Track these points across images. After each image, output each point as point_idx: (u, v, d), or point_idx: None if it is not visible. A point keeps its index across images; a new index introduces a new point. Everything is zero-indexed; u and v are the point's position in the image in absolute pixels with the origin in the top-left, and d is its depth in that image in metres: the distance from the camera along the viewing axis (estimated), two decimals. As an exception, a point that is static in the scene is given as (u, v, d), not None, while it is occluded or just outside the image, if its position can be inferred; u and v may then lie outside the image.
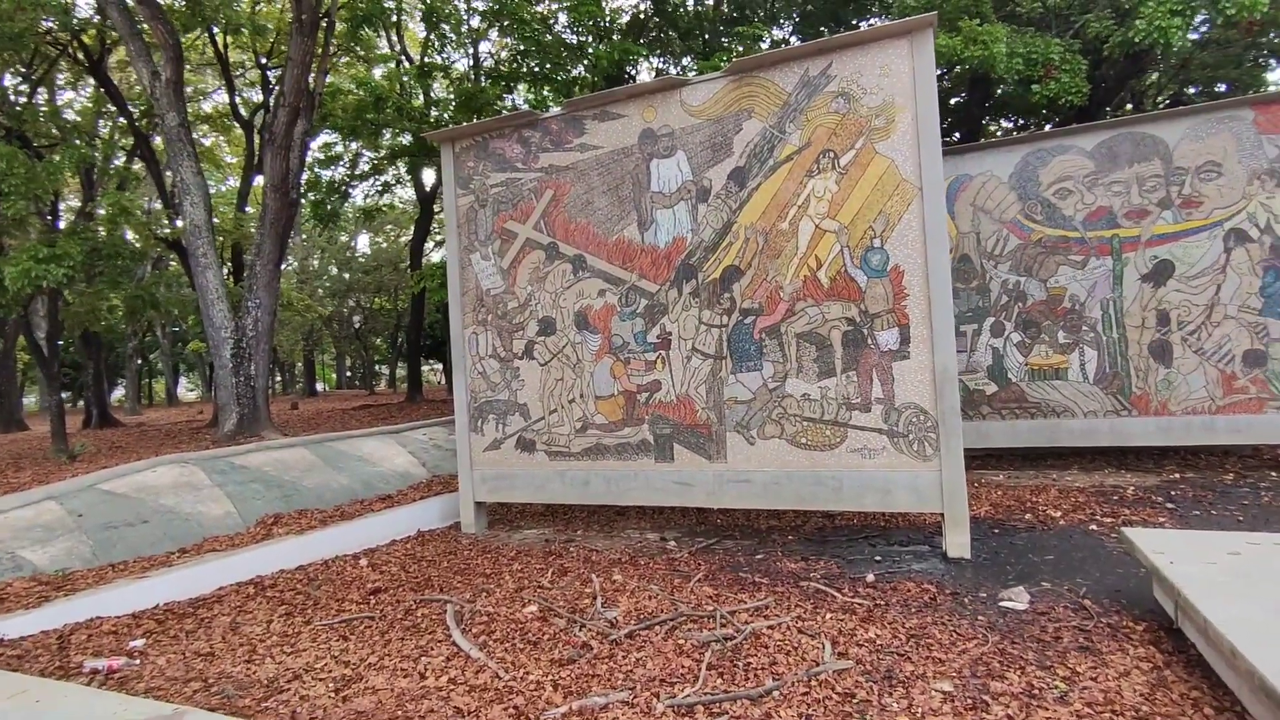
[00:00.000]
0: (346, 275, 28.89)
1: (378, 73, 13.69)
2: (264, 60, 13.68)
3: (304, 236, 28.72)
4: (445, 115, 10.93)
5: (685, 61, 10.57)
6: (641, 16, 10.90)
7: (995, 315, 7.09)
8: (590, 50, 10.64)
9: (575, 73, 10.53)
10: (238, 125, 14.84)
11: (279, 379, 37.61)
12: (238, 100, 14.46)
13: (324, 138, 14.35)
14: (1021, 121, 11.87)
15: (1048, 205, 6.89)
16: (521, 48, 9.93)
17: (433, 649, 3.42)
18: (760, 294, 4.95)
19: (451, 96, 11.42)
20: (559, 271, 5.67)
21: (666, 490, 5.24)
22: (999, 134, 13.00)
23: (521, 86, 10.85)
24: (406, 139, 11.63)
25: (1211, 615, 2.42)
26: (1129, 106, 11.18)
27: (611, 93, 5.46)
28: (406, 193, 26.25)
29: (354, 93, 11.73)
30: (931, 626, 3.29)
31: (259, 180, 11.75)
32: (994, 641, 3.07)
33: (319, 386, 38.04)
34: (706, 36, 9.88)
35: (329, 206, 12.92)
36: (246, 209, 14.58)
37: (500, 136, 5.90)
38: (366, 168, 14.47)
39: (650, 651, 3.20)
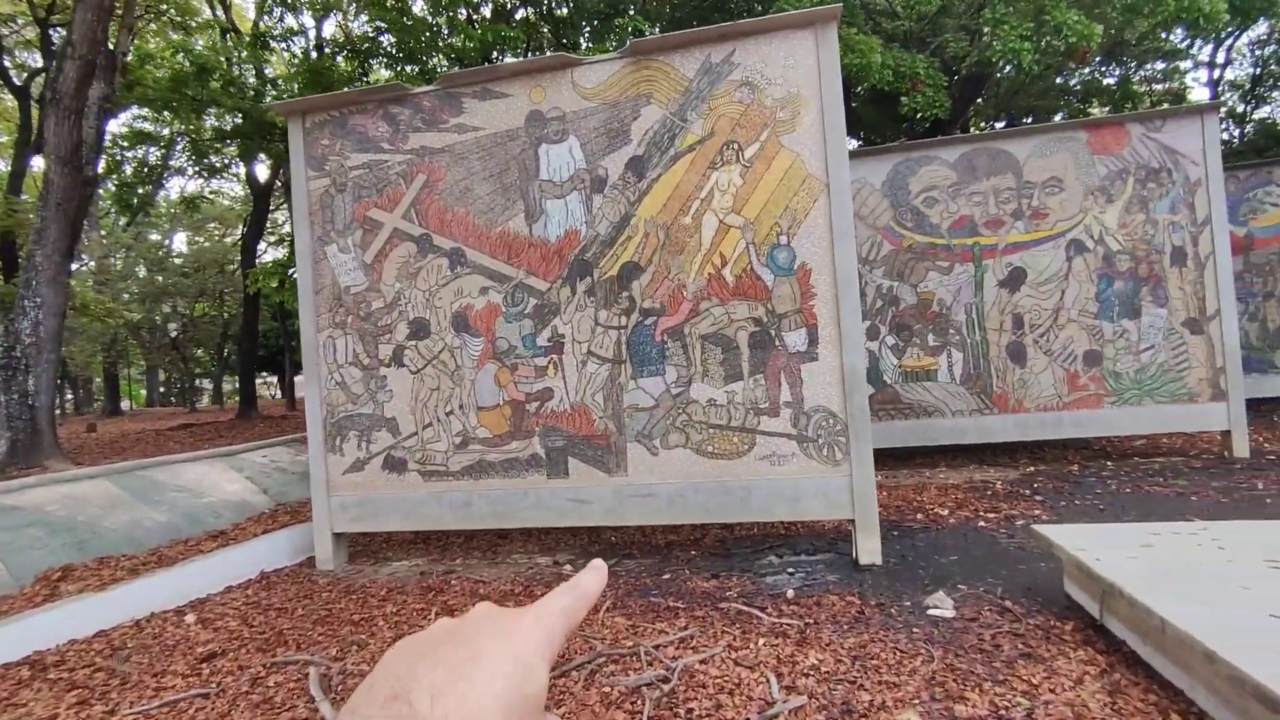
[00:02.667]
0: (160, 278, 25.43)
1: (202, 45, 11.98)
2: (44, 15, 11.45)
3: (103, 232, 24.97)
4: (288, 94, 9.67)
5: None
6: (508, 6, 10.32)
7: (871, 319, 7.27)
8: (450, 38, 9.93)
9: (436, 63, 9.75)
10: (8, 94, 12.35)
11: (70, 397, 32.46)
12: (7, 63, 12.02)
13: (133, 112, 12.32)
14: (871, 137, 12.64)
15: (917, 213, 7.17)
16: (380, 24, 9.00)
17: (294, 730, 2.72)
18: (662, 293, 4.62)
19: (293, 73, 10.14)
20: (433, 267, 5.01)
21: (561, 509, 4.75)
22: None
23: (379, 65, 9.86)
24: (238, 120, 10.16)
25: (1169, 615, 2.34)
26: (972, 128, 12.23)
27: (495, 68, 4.91)
28: (233, 188, 23.62)
29: (173, 60, 10.06)
30: (871, 645, 3.08)
31: (39, 162, 9.80)
32: (939, 657, 2.90)
33: (124, 405, 33.24)
34: (587, 30, 9.53)
35: (138, 194, 11.03)
36: (23, 195, 12.18)
37: (362, 112, 5.15)
38: (183, 153, 12.58)
39: (573, 705, 2.72)
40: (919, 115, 7.56)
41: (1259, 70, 16.76)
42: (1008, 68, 7.55)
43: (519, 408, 4.86)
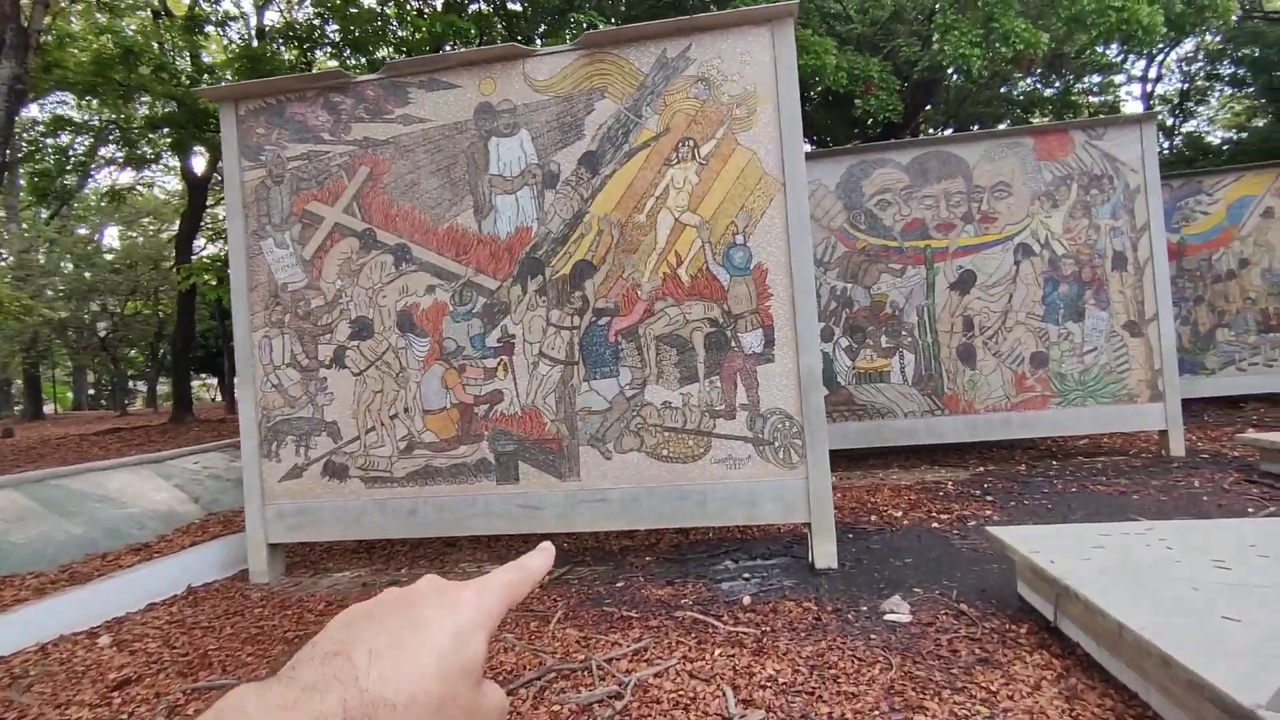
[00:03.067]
0: (88, 274, 24.10)
1: (134, 28, 11.33)
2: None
3: (24, 225, 23.57)
4: (225, 80, 9.19)
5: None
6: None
7: (825, 321, 7.28)
8: (399, 30, 9.61)
9: (386, 55, 9.42)
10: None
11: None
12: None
13: (56, 97, 11.58)
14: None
15: (870, 215, 7.22)
16: (323, 9, 8.63)
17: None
18: (616, 292, 4.49)
19: (230, 59, 9.64)
20: (377, 263, 4.78)
21: (511, 516, 4.58)
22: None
23: (324, 56, 9.47)
24: (171, 108, 9.61)
25: (1125, 619, 2.33)
26: (922, 134, 12.47)
27: (443, 57, 4.71)
28: (169, 182, 22.61)
29: (99, 42, 9.43)
30: (829, 653, 3.01)
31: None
32: (897, 664, 2.85)
33: (49, 408, 31.47)
34: (543, 26, 9.34)
35: (57, 184, 10.34)
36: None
37: (301, 100, 4.89)
38: (114, 143, 11.88)
39: (520, 727, 2.57)
40: (872, 119, 7.63)
41: (1187, 85, 17.58)
42: (956, 76, 7.68)
43: (467, 411, 4.67)
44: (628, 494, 4.43)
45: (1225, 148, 16.76)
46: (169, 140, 10.32)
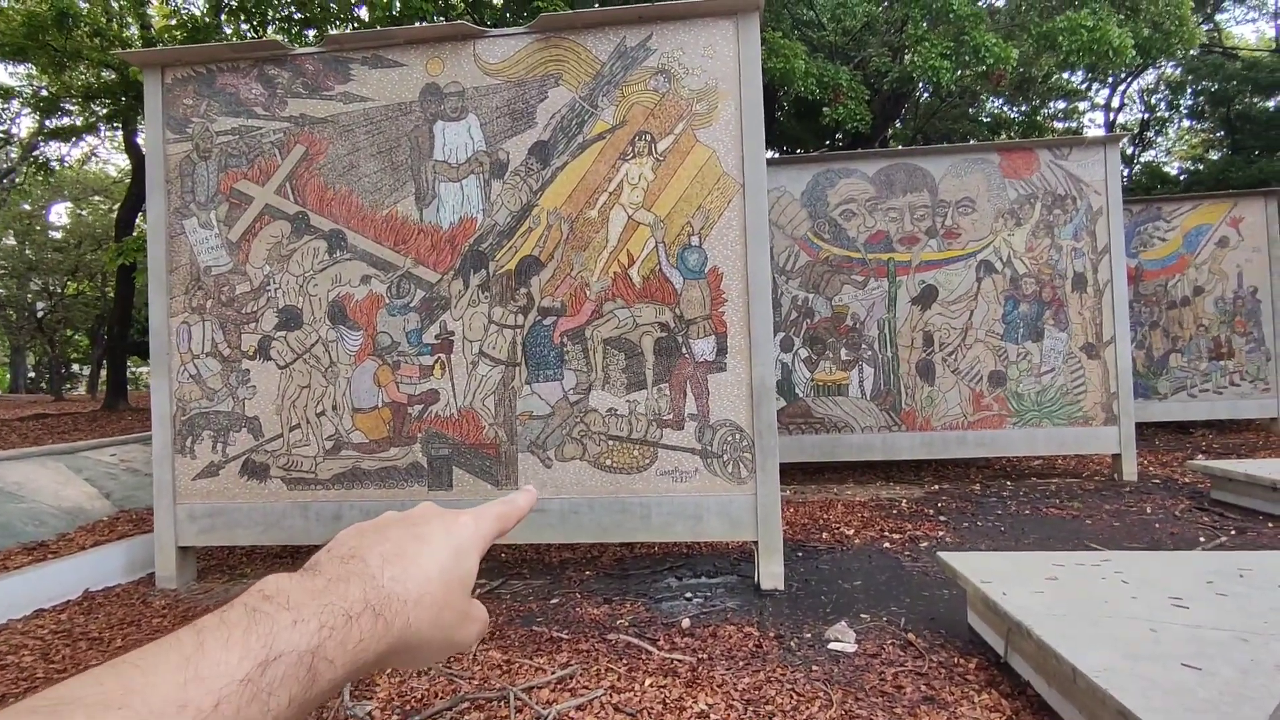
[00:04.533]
0: (30, 252, 22.97)
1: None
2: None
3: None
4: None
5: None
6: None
7: (785, 330, 7.13)
8: (357, 9, 9.23)
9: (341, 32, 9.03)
10: None
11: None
12: None
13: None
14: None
15: (835, 225, 7.09)
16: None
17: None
18: (563, 291, 4.25)
19: (166, 27, 9.12)
20: (309, 250, 4.46)
21: (443, 524, 4.28)
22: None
23: (275, 32, 9.01)
24: (110, 76, 9.04)
25: (1080, 663, 2.15)
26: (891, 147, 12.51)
27: (388, 33, 4.42)
28: (122, 160, 21.73)
29: (30, 4, 8.83)
30: (766, 686, 2.80)
31: None
32: (838, 701, 2.65)
33: (-18, 390, 29.95)
34: (509, 16, 9.05)
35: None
36: None
37: (234, 70, 4.54)
38: (34, 111, 11.14)
39: (418, 768, 2.30)
40: (840, 128, 7.52)
41: (1147, 115, 17.99)
42: (926, 93, 7.62)
43: (400, 411, 4.37)
44: (568, 505, 4.17)
45: (1182, 177, 17.18)
46: (105, 112, 9.74)
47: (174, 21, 8.81)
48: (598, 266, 4.21)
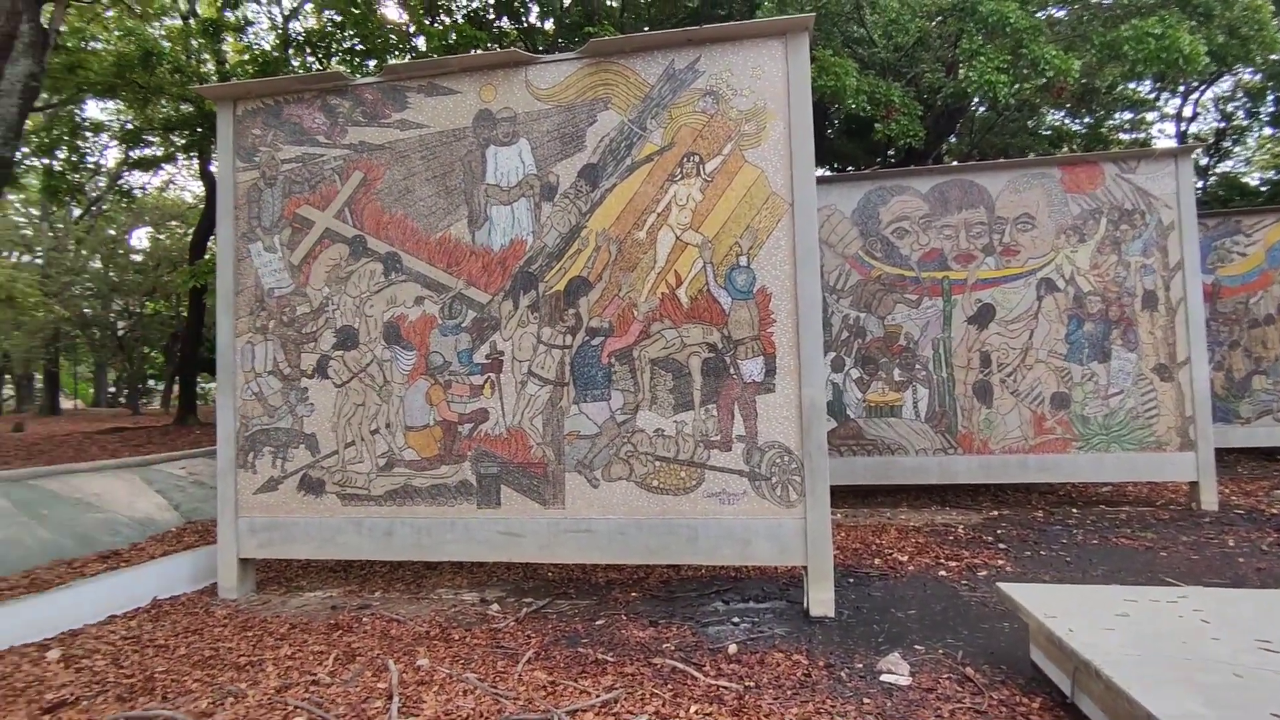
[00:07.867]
0: (113, 274, 24.44)
1: (162, 30, 11.42)
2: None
3: (59, 225, 23.96)
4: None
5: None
6: (487, 16, 10.00)
7: (836, 350, 7.01)
8: (416, 40, 9.57)
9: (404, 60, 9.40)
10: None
11: (9, 393, 31.05)
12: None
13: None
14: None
15: (887, 243, 6.96)
16: (337, 18, 8.62)
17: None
18: (611, 312, 4.27)
19: (240, 62, 9.64)
20: (366, 272, 4.61)
21: (491, 542, 4.33)
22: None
23: (340, 64, 9.43)
24: (187, 109, 9.61)
25: (1159, 711, 2.02)
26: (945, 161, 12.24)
27: (443, 62, 4.56)
28: (198, 186, 22.96)
29: (119, 45, 9.47)
30: (816, 718, 2.71)
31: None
32: (891, 738, 2.55)
33: (67, 404, 31.85)
34: (560, 41, 9.25)
35: (68, 182, 10.38)
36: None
37: (298, 101, 4.76)
38: (119, 143, 11.87)
39: (462, 789, 2.30)
40: (893, 145, 7.40)
41: (1224, 124, 17.15)
42: (982, 107, 7.44)
43: (450, 429, 4.45)
44: (614, 525, 4.16)
45: (1264, 188, 16.27)
46: (183, 142, 10.36)
47: (246, 56, 9.34)
48: (645, 287, 4.22)
